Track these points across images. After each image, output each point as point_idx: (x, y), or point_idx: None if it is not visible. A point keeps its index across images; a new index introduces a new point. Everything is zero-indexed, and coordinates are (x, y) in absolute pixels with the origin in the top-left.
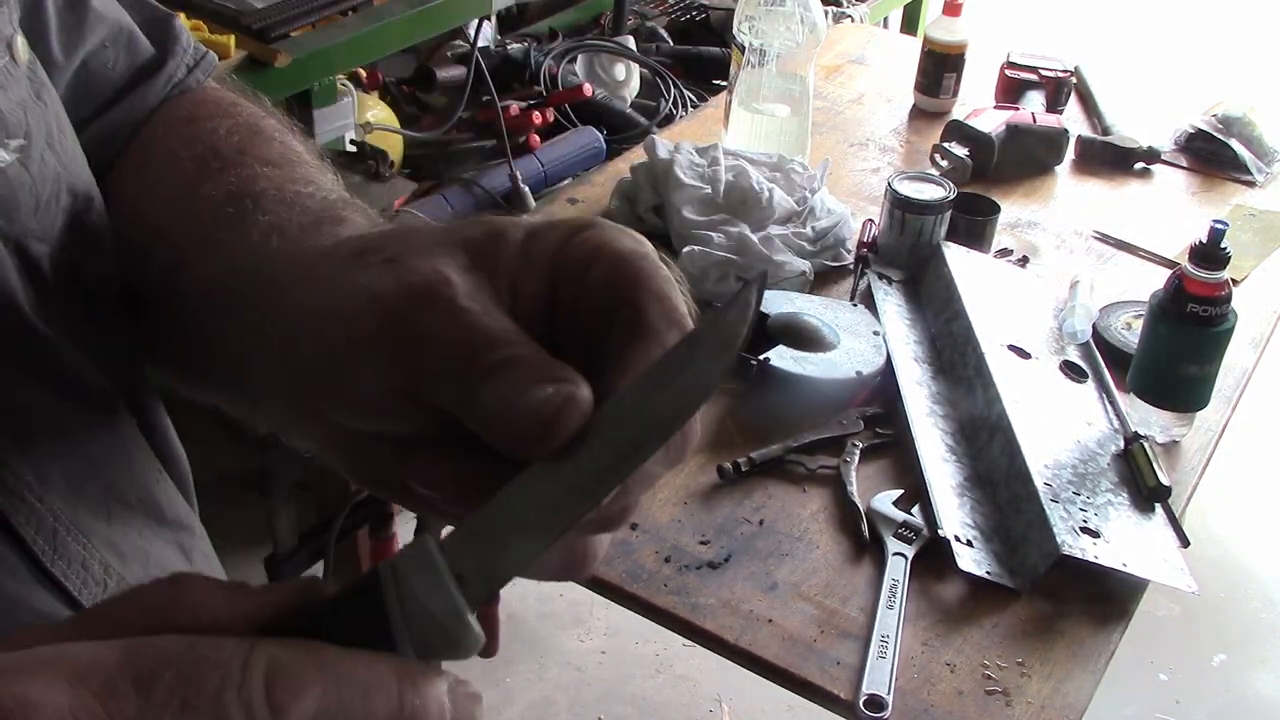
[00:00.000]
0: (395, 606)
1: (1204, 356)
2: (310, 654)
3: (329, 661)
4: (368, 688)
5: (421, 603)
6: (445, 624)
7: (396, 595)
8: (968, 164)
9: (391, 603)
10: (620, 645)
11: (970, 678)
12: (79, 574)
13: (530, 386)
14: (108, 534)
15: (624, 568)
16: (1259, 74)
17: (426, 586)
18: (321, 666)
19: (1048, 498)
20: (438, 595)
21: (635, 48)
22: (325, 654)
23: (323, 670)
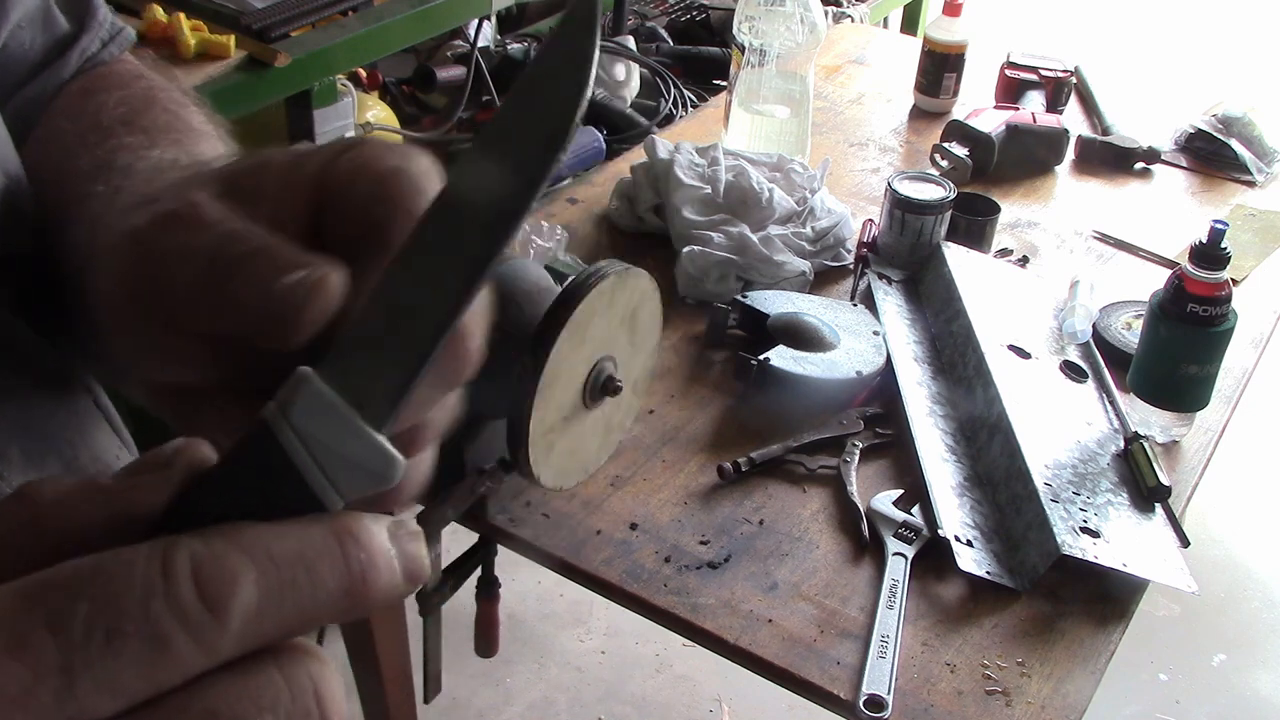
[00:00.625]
0: (304, 460)
1: (1204, 356)
2: (231, 538)
3: (255, 541)
4: (307, 558)
5: (330, 447)
6: (362, 461)
7: (301, 447)
8: (968, 164)
9: (299, 457)
10: (620, 645)
11: (970, 678)
12: None
13: (280, 274)
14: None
15: (624, 568)
16: (1259, 74)
17: (329, 428)
18: (248, 548)
19: (1048, 498)
20: (345, 434)
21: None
22: (248, 534)
23: (251, 552)
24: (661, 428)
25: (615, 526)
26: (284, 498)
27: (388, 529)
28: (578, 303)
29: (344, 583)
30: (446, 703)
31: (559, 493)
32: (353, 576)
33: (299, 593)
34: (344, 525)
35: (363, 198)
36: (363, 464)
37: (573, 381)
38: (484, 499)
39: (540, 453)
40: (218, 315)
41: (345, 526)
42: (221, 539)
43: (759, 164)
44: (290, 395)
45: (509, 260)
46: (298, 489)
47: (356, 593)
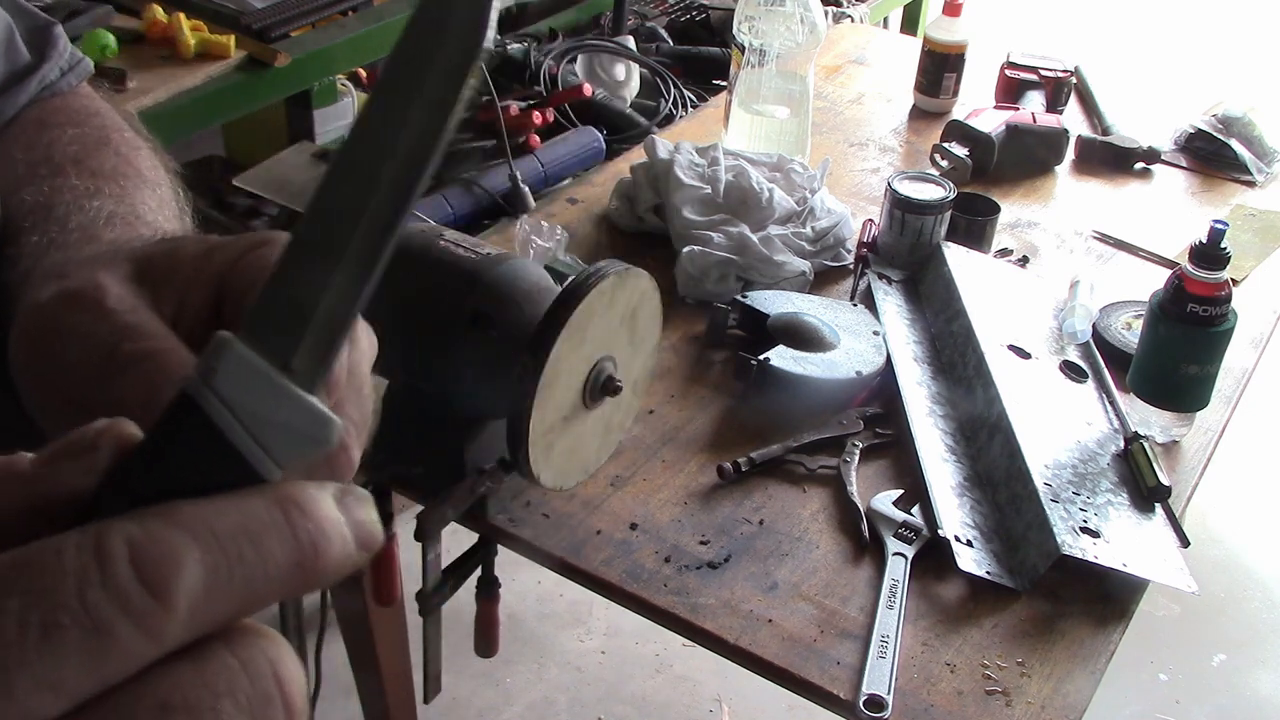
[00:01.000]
0: (235, 429)
1: (1204, 356)
2: (168, 517)
3: (194, 518)
4: (251, 532)
5: (260, 414)
6: (296, 425)
7: (230, 415)
8: (968, 164)
9: (228, 427)
10: (620, 645)
11: (970, 678)
12: None
13: (165, 383)
14: None
15: (624, 568)
16: (1259, 74)
17: (257, 392)
18: (188, 526)
19: (1048, 498)
20: (274, 398)
21: (635, 48)
22: (185, 511)
23: (192, 530)
24: (661, 428)
25: (615, 526)
26: (218, 472)
27: (333, 495)
28: (578, 303)
29: (294, 555)
30: (446, 703)
31: (559, 493)
32: (302, 548)
33: (247, 569)
34: (287, 494)
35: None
36: (297, 428)
37: (573, 381)
38: (484, 499)
39: (540, 453)
40: (106, 405)
41: (288, 495)
42: (157, 519)
43: (759, 164)
44: (212, 362)
45: (509, 260)
46: (232, 461)
47: (308, 565)
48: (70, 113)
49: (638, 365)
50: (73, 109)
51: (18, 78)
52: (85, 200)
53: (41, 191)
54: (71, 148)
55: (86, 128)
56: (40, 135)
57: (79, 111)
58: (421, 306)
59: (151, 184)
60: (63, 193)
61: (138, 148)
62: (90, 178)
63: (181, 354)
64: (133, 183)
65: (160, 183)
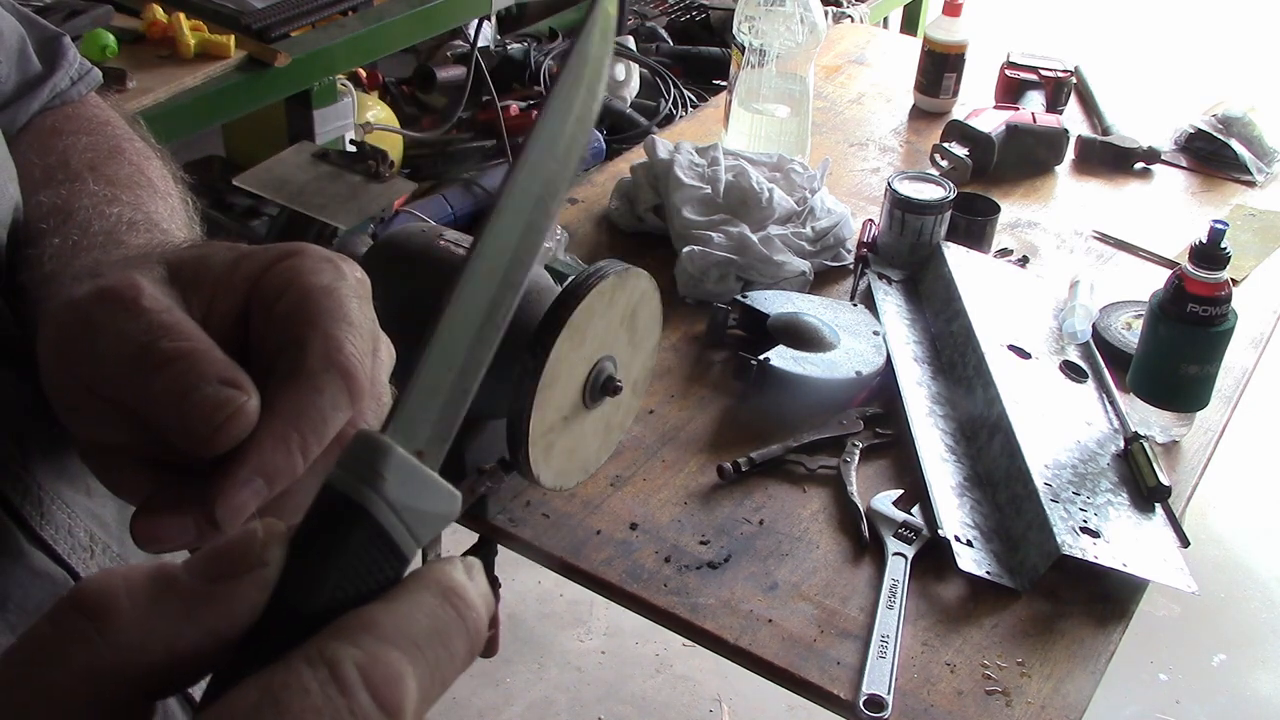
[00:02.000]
0: (393, 523)
1: (1204, 356)
2: (375, 634)
3: (395, 631)
4: (441, 634)
5: (413, 505)
6: (437, 509)
7: (396, 519)
8: (968, 164)
9: (388, 520)
10: (620, 645)
11: (970, 678)
12: (66, 539)
13: (200, 382)
14: (89, 505)
15: (624, 568)
16: (1259, 74)
17: (411, 487)
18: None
19: (1048, 498)
20: (425, 490)
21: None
22: (385, 626)
23: (398, 644)
24: (661, 428)
25: (615, 526)
26: (382, 567)
27: (462, 569)
28: (577, 303)
29: (470, 645)
30: (447, 702)
31: (559, 493)
32: (473, 636)
33: (444, 669)
34: (448, 585)
35: (286, 312)
36: (436, 511)
37: (573, 381)
38: (484, 499)
39: (540, 453)
40: (137, 401)
41: (449, 587)
42: (369, 637)
43: (759, 164)
44: (378, 468)
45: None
46: (390, 559)
47: (475, 649)
48: (82, 120)
49: (638, 365)
50: (84, 117)
51: (30, 86)
52: (104, 206)
53: (59, 195)
54: (86, 155)
55: (99, 136)
56: (55, 141)
57: (91, 120)
58: (421, 306)
59: (163, 194)
60: (81, 197)
61: (149, 157)
62: (107, 185)
63: (215, 355)
64: (146, 191)
65: (170, 193)
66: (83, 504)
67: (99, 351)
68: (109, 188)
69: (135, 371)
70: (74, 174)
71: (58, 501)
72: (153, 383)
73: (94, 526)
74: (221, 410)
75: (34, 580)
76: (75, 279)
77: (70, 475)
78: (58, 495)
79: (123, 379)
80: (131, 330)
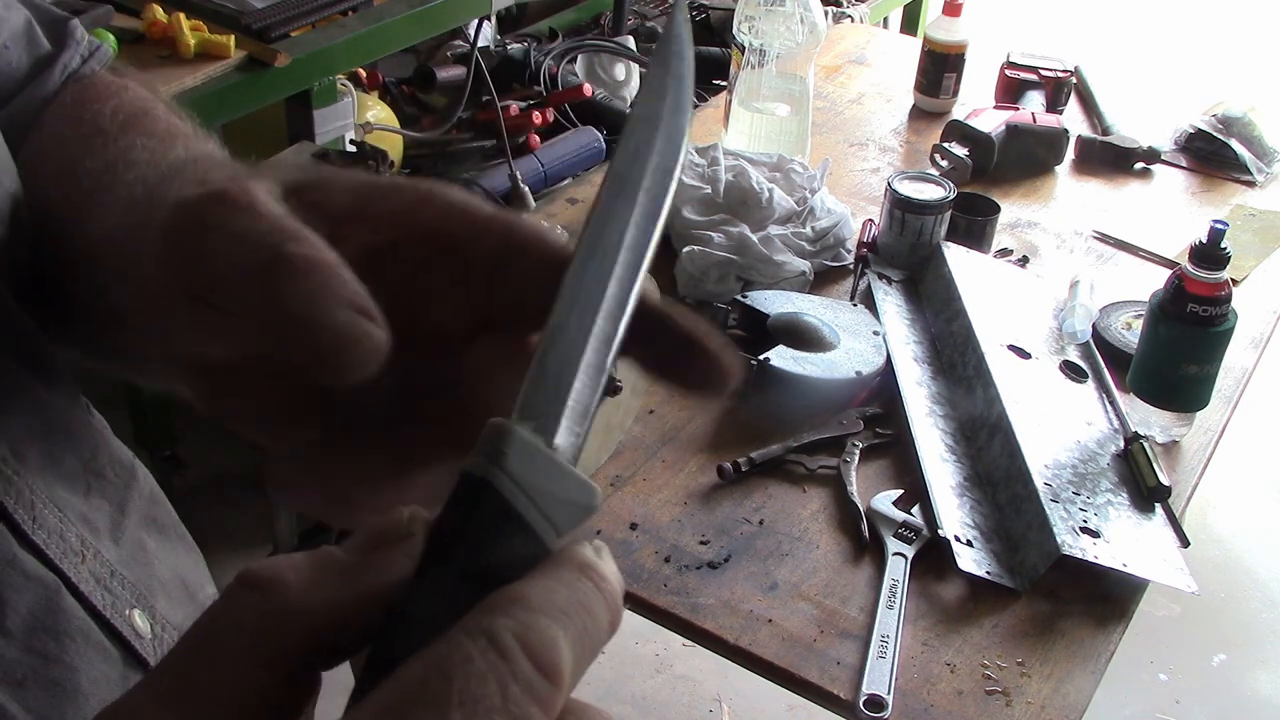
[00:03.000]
0: (530, 511)
1: (1204, 356)
2: (518, 604)
3: (538, 600)
4: (585, 604)
5: (550, 492)
6: (573, 497)
7: (525, 498)
8: (968, 164)
9: (525, 508)
10: (620, 645)
11: (970, 678)
12: (58, 543)
13: (335, 304)
14: (83, 509)
15: (624, 568)
16: (1259, 74)
17: (537, 468)
18: (540, 609)
19: (1048, 498)
20: (554, 476)
21: (635, 48)
22: (526, 596)
23: (546, 610)
24: (661, 428)
25: (615, 526)
26: (518, 547)
27: (591, 549)
28: None
29: (610, 615)
30: None
31: None
32: (613, 608)
33: (591, 637)
34: (585, 563)
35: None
36: (572, 499)
37: None
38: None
39: None
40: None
41: (587, 564)
42: (520, 609)
43: (759, 164)
44: (500, 446)
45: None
46: (527, 537)
47: (615, 620)
48: (100, 88)
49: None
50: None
51: (41, 66)
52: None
53: (108, 154)
54: (117, 117)
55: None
56: (81, 112)
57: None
58: None
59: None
60: (133, 150)
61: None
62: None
63: (347, 273)
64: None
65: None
66: (76, 507)
67: (215, 254)
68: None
69: (258, 279)
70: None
71: (50, 505)
72: (281, 293)
73: (85, 531)
74: (357, 345)
75: (25, 584)
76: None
77: (67, 475)
78: (51, 498)
79: (243, 286)
80: (253, 232)
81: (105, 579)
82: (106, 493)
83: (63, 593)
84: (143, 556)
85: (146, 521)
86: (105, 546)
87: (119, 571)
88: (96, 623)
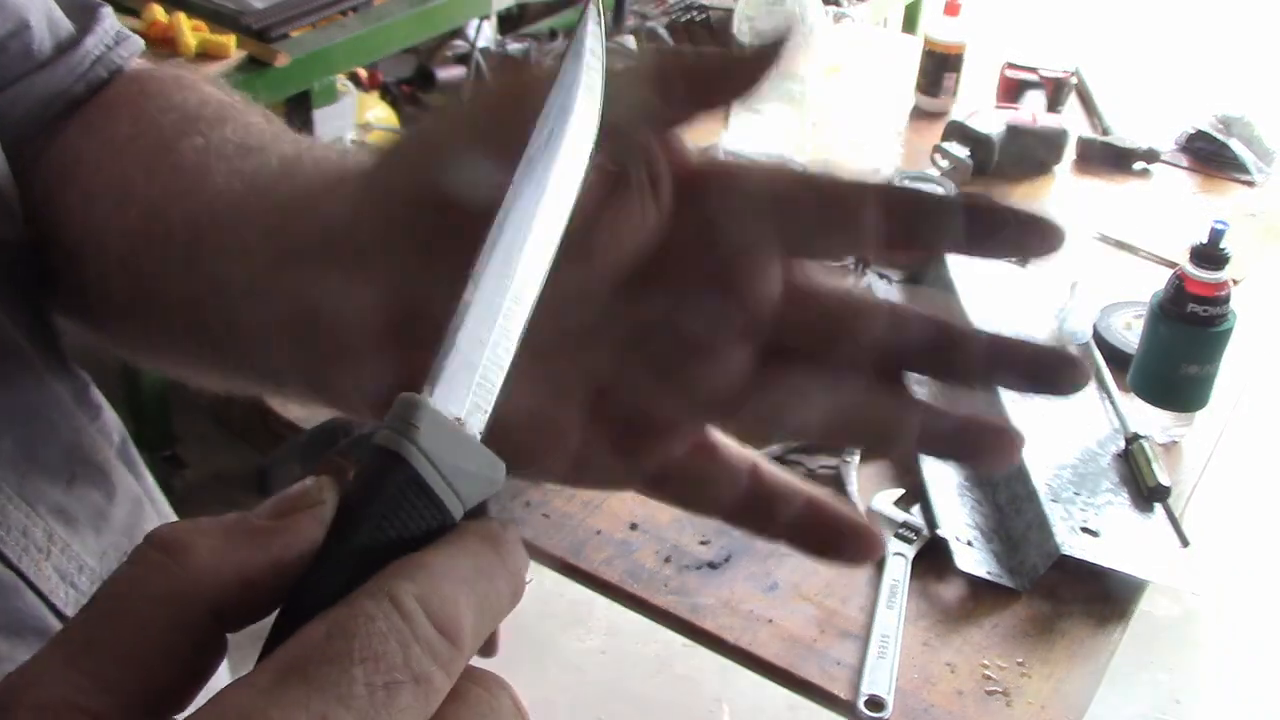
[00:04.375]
0: (438, 482)
1: (1204, 356)
2: (421, 569)
3: (441, 567)
4: (487, 572)
5: (456, 465)
6: (478, 471)
7: (433, 469)
8: (968, 164)
9: (432, 480)
10: (620, 645)
11: (970, 678)
12: (18, 540)
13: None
14: (62, 500)
15: (624, 568)
16: (1259, 74)
17: (446, 442)
18: (442, 574)
19: (1048, 498)
20: (461, 447)
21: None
22: (429, 562)
23: (447, 575)
24: None
25: (615, 526)
26: (420, 518)
27: (497, 524)
28: None
29: (512, 586)
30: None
31: (559, 492)
32: (514, 577)
33: (491, 606)
34: (482, 532)
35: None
36: (477, 473)
37: None
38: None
39: None
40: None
41: (485, 533)
42: (423, 573)
43: None
44: (412, 420)
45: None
46: (433, 508)
47: (517, 591)
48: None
49: None
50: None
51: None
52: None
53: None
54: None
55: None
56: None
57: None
58: None
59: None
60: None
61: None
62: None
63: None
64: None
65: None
66: (53, 499)
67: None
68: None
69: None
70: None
71: (16, 499)
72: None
73: (56, 524)
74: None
75: None
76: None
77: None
78: (21, 491)
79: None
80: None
81: (71, 574)
82: (94, 481)
83: (20, 590)
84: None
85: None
86: (83, 537)
87: (89, 565)
88: (60, 621)
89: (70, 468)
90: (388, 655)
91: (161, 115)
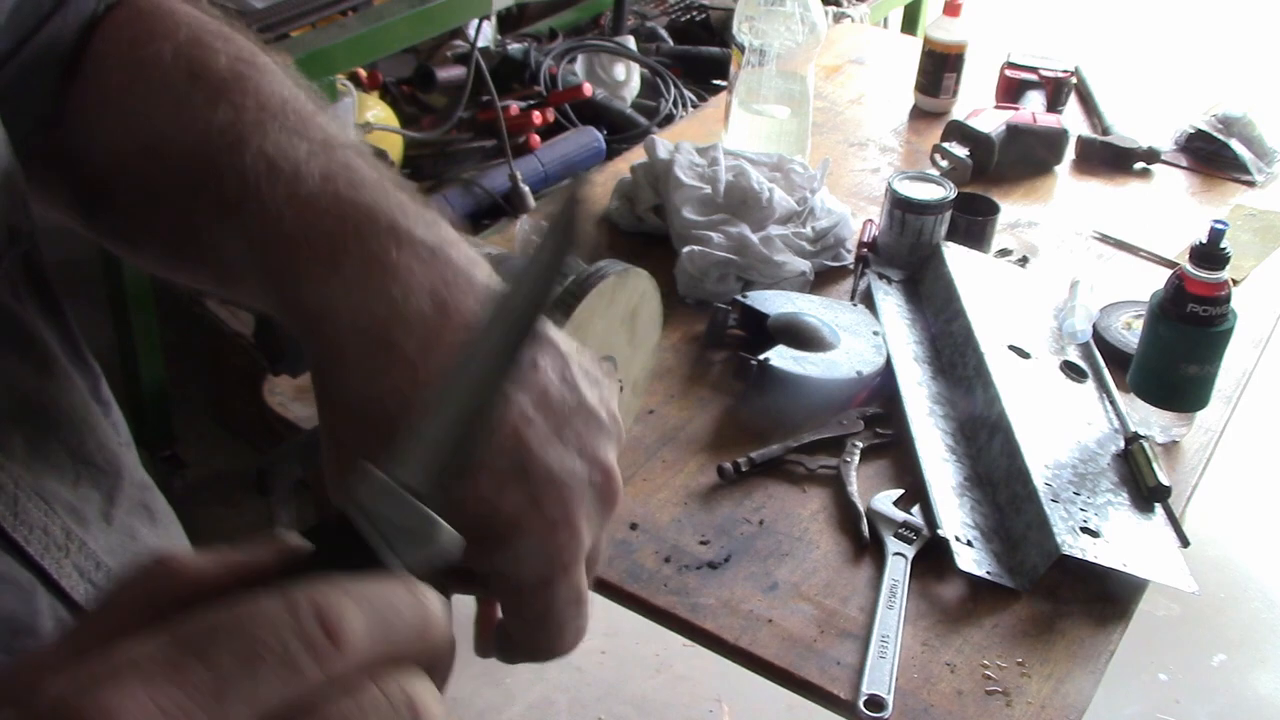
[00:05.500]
0: (379, 542)
1: (1204, 356)
2: (334, 585)
3: (354, 588)
4: (392, 604)
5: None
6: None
7: (376, 531)
8: (968, 164)
9: (374, 540)
10: (620, 645)
11: (970, 678)
12: (40, 539)
13: None
14: (71, 499)
15: (624, 568)
16: (1259, 74)
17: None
18: (350, 593)
19: (1048, 498)
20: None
21: (635, 48)
22: (347, 584)
23: (347, 590)
24: (661, 428)
25: (615, 526)
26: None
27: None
28: (577, 303)
29: (418, 620)
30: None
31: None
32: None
33: (392, 628)
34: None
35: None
36: (414, 530)
37: None
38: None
39: None
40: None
41: (410, 581)
42: (326, 584)
43: (759, 164)
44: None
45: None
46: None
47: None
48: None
49: (637, 365)
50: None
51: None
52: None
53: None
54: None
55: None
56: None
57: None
58: None
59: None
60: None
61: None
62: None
63: None
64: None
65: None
66: (64, 498)
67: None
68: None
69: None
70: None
71: (35, 497)
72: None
73: (71, 522)
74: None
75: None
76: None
77: (55, 464)
78: (38, 489)
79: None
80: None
81: (90, 571)
82: (96, 481)
83: (38, 591)
84: (132, 545)
85: (138, 509)
86: (94, 535)
87: (104, 563)
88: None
89: (75, 467)
90: (262, 640)
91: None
